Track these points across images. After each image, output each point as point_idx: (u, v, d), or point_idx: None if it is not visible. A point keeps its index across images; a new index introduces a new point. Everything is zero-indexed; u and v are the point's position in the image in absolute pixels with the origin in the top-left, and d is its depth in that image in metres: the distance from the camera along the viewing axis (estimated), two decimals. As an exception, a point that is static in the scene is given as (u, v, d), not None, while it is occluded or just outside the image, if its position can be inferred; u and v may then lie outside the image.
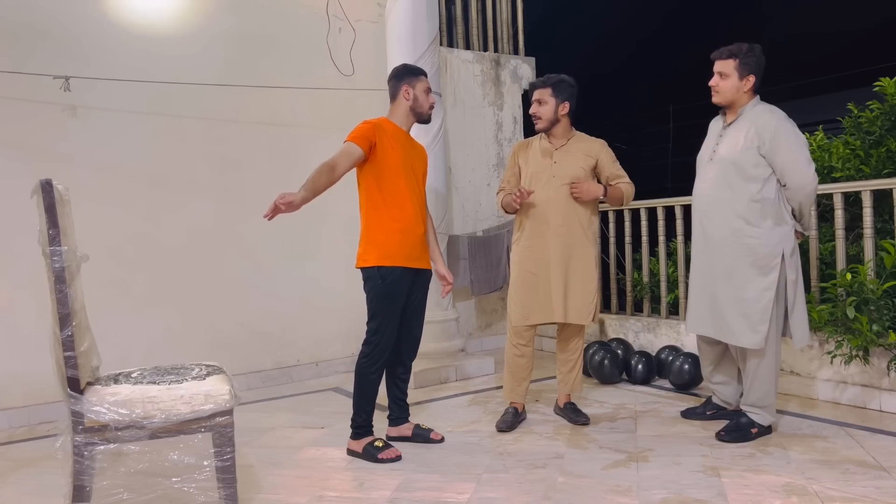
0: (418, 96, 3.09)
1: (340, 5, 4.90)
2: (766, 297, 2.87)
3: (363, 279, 3.01)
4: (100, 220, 3.94)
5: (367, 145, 2.93)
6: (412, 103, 3.09)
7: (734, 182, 2.92)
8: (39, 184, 2.04)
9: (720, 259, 2.99)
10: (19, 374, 3.73)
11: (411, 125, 3.14)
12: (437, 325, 4.56)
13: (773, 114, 2.91)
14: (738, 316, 2.94)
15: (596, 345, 4.37)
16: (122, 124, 4.10)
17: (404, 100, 3.08)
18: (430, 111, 3.16)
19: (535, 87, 3.31)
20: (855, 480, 2.51)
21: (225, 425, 2.18)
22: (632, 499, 2.43)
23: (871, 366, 3.33)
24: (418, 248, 3.06)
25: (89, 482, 2.09)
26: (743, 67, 2.92)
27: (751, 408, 3.05)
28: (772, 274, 2.87)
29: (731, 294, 2.95)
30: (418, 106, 3.10)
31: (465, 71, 5.65)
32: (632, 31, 13.12)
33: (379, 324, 2.98)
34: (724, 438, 3.00)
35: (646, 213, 4.66)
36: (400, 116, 3.11)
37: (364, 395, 3.01)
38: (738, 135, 2.94)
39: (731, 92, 2.95)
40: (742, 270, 2.92)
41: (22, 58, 3.81)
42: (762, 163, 2.88)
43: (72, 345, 2.04)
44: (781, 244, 2.88)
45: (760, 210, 2.87)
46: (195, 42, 4.36)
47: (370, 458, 2.92)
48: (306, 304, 4.75)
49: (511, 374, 3.39)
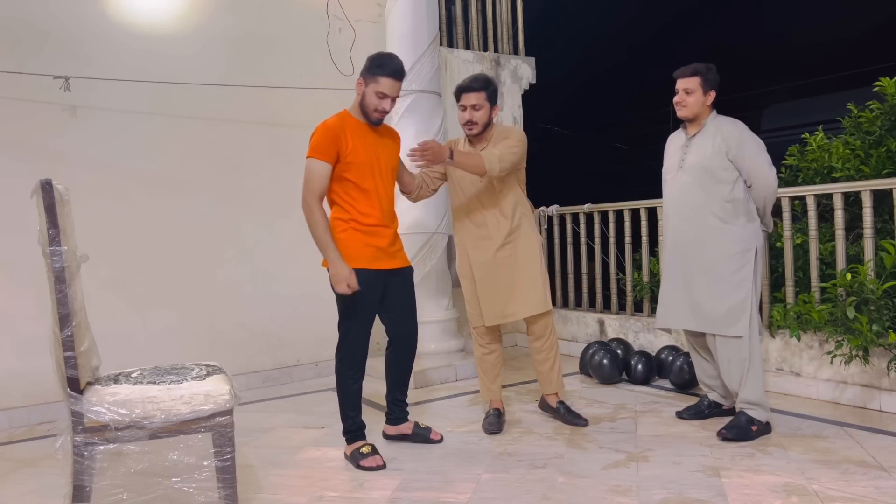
0: (367, 95, 2.85)
1: (340, 5, 4.90)
2: (745, 287, 3.07)
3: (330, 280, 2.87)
4: (100, 220, 3.94)
5: (332, 157, 2.77)
6: (360, 99, 2.88)
7: (707, 185, 3.13)
8: (39, 184, 2.04)
9: (700, 257, 3.15)
10: (19, 374, 3.73)
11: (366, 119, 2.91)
12: (437, 325, 4.56)
13: (734, 124, 3.16)
14: (720, 307, 3.09)
15: (596, 345, 4.38)
16: (122, 124, 4.10)
17: (357, 92, 2.89)
18: (376, 115, 2.87)
19: (468, 91, 3.17)
20: (855, 480, 2.51)
21: (225, 425, 2.18)
22: (632, 499, 2.43)
23: (871, 366, 3.33)
24: (389, 248, 2.93)
25: (89, 482, 2.09)
26: (706, 84, 3.16)
27: (747, 405, 3.09)
28: (747, 266, 3.08)
29: (712, 288, 3.12)
30: (364, 105, 2.87)
31: (465, 71, 5.64)
32: (632, 31, 13.12)
33: (347, 327, 2.88)
34: (726, 437, 3.02)
35: (646, 213, 4.66)
36: (354, 107, 2.92)
37: (346, 401, 2.94)
38: (705, 143, 3.16)
39: (697, 106, 3.18)
40: (722, 264, 3.10)
41: (22, 58, 3.81)
42: (730, 167, 3.10)
43: (72, 345, 2.04)
44: (754, 239, 3.11)
45: (733, 209, 3.10)
46: (195, 42, 4.36)
47: (354, 464, 2.86)
48: (306, 304, 4.75)
49: (483, 372, 3.40)
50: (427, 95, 4.52)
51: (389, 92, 2.84)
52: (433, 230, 4.57)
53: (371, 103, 2.85)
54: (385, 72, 2.83)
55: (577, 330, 5.13)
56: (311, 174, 2.75)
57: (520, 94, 5.99)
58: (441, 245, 4.63)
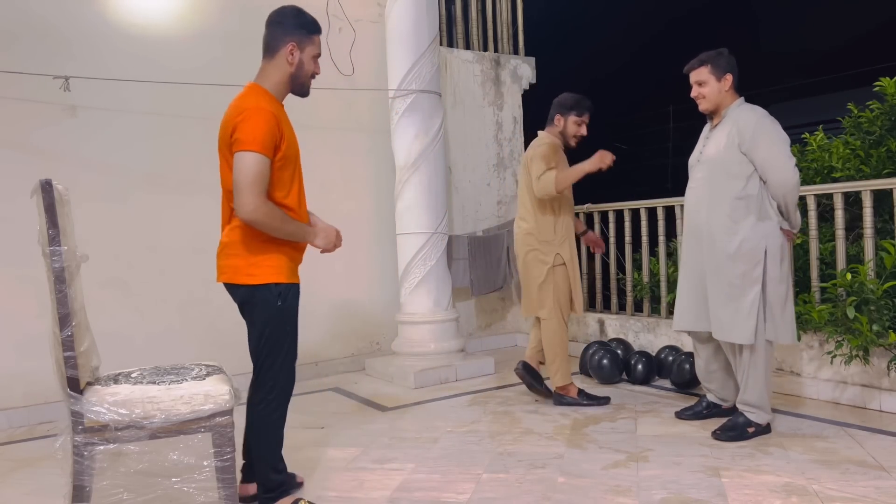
0: (304, 62, 2.36)
1: (340, 5, 4.90)
2: (753, 291, 2.92)
3: (249, 303, 2.33)
4: (100, 220, 3.94)
5: (272, 152, 2.22)
6: (294, 69, 2.35)
7: (720, 180, 3.00)
8: (39, 184, 2.03)
9: (710, 256, 3.05)
10: (19, 374, 3.73)
11: (285, 96, 2.41)
12: (436, 325, 4.56)
13: (753, 112, 2.99)
14: (727, 311, 2.98)
15: (596, 345, 4.38)
16: (122, 124, 4.10)
17: (286, 62, 2.34)
18: (309, 83, 2.42)
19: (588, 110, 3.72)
20: (855, 480, 2.51)
21: (225, 425, 2.18)
22: (632, 499, 2.43)
23: (871, 366, 3.33)
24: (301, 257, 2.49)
25: (89, 482, 2.08)
26: (717, 69, 3.03)
27: (746, 407, 3.06)
28: (756, 269, 2.93)
29: (720, 290, 3.01)
30: (302, 74, 2.37)
31: (465, 71, 5.65)
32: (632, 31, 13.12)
33: (283, 360, 2.34)
34: (719, 437, 3.01)
35: (646, 212, 4.66)
36: (275, 83, 2.34)
37: (277, 450, 2.38)
38: (721, 135, 3.03)
39: (714, 95, 3.04)
40: (729, 266, 2.97)
41: (22, 58, 3.81)
42: (744, 160, 2.95)
43: (72, 345, 2.04)
44: (765, 240, 2.93)
45: (745, 206, 2.95)
46: (195, 42, 4.36)
47: None
48: (306, 304, 4.72)
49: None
50: (427, 95, 4.52)
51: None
52: (433, 230, 4.57)
53: (310, 68, 2.40)
54: (317, 28, 2.42)
55: (577, 330, 5.13)
56: (254, 172, 2.15)
57: (520, 94, 5.99)
58: (441, 245, 4.63)
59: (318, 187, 4.87)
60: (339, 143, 4.97)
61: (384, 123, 4.88)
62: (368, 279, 5.03)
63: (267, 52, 2.37)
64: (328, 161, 4.91)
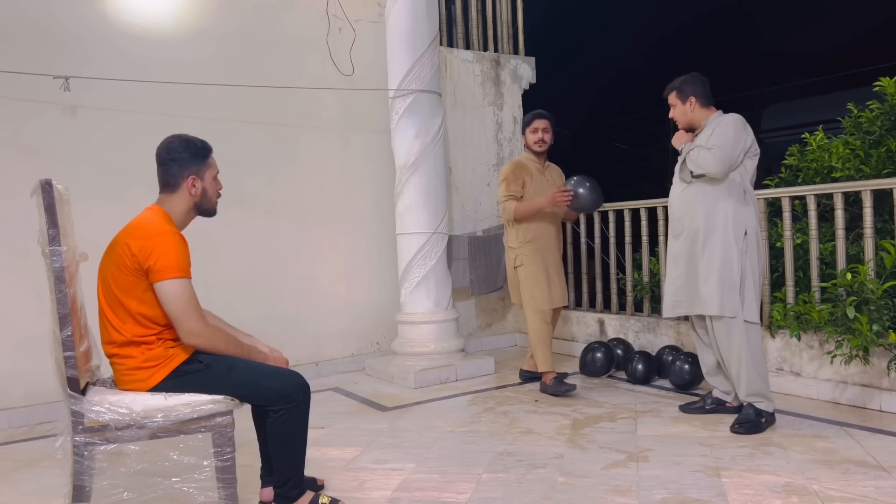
0: (207, 188, 2.34)
1: (340, 5, 4.90)
2: (737, 267, 3.16)
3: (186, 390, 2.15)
4: (100, 219, 3.92)
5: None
6: (199, 198, 2.34)
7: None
8: (39, 183, 2.04)
9: (697, 241, 3.24)
10: (19, 374, 3.73)
11: (188, 223, 2.40)
12: (436, 324, 4.56)
13: (726, 117, 3.25)
14: (712, 285, 3.17)
15: (596, 344, 4.39)
16: (121, 124, 4.10)
17: (189, 195, 2.32)
18: (216, 202, 2.41)
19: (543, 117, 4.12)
20: (855, 480, 2.51)
21: (225, 425, 2.18)
22: (632, 499, 2.43)
23: (871, 366, 3.33)
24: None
25: (89, 482, 2.08)
26: (681, 94, 3.36)
27: (753, 397, 3.17)
28: (739, 245, 3.17)
29: (706, 265, 3.20)
30: (207, 200, 2.36)
31: (465, 71, 5.65)
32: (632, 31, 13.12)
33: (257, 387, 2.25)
34: (738, 431, 3.11)
35: (646, 212, 4.66)
36: (180, 214, 2.35)
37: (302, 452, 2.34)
38: (701, 139, 3.30)
39: (681, 115, 3.38)
40: (717, 243, 3.19)
41: (22, 58, 3.81)
42: None
43: (72, 345, 2.04)
44: (744, 222, 3.18)
45: (726, 191, 3.19)
46: (195, 42, 4.36)
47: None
48: (306, 304, 4.75)
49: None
50: (427, 95, 4.52)
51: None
52: (433, 230, 4.57)
53: (214, 191, 2.39)
54: (209, 150, 2.40)
55: (577, 330, 5.13)
56: (186, 299, 2.15)
57: (520, 94, 5.99)
58: (441, 245, 4.63)
59: (318, 187, 4.89)
60: (339, 143, 4.98)
61: (384, 123, 4.88)
62: (368, 279, 5.03)
63: (166, 187, 2.34)
64: (328, 161, 4.91)
